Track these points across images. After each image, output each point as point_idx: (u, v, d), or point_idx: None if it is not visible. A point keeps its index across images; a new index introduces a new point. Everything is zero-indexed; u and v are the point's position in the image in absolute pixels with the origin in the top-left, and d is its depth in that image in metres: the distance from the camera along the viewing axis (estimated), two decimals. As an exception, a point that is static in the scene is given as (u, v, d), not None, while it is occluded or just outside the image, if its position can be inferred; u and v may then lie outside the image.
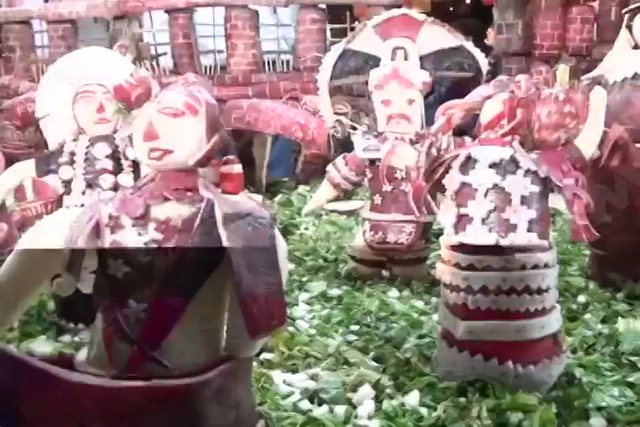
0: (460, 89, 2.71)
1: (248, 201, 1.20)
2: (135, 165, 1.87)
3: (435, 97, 2.24)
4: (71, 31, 3.67)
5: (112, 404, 1.09)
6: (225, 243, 1.09)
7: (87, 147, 1.85)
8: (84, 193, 1.82)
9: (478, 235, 1.49)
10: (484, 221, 1.48)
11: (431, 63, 2.22)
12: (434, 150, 1.54)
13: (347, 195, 2.71)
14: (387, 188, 2.15)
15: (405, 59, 2.19)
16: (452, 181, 1.54)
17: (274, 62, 3.48)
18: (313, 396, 1.48)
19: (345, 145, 3.01)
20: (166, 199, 1.12)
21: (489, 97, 1.59)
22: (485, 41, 3.88)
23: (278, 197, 3.15)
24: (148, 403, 1.08)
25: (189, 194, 1.13)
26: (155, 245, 1.10)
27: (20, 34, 3.75)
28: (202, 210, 1.12)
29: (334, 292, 2.07)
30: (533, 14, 3.36)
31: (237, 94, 3.26)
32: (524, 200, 1.48)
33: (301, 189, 3.24)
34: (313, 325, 1.82)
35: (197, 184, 1.16)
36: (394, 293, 2.04)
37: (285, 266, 1.17)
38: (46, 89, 2.02)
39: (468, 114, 1.65)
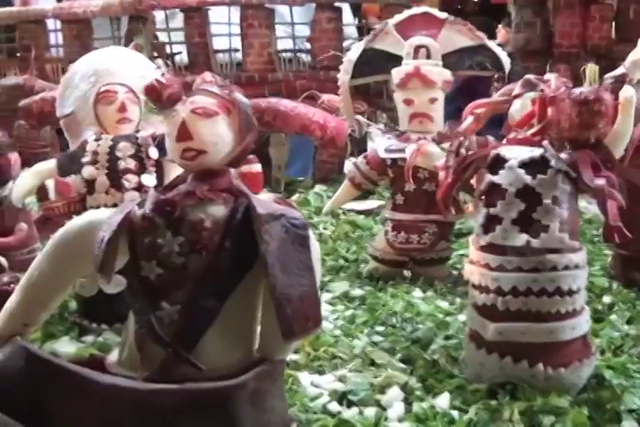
0: (470, 87, 2.70)
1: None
2: (158, 165, 1.86)
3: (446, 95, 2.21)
4: (86, 30, 3.67)
5: (145, 407, 1.08)
6: (260, 244, 1.08)
7: (110, 147, 1.83)
8: (107, 193, 1.81)
9: (508, 235, 1.47)
10: (514, 221, 1.47)
11: (453, 62, 2.20)
12: (463, 150, 1.53)
13: (363, 194, 2.69)
14: (409, 187, 2.13)
15: (427, 57, 2.17)
16: (481, 181, 1.53)
17: (290, 61, 3.48)
18: (341, 398, 1.46)
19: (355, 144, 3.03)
20: (200, 200, 1.11)
21: (517, 96, 1.58)
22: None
23: (295, 197, 3.14)
24: (181, 406, 1.07)
25: (224, 195, 1.12)
26: (189, 247, 1.09)
27: (34, 33, 3.76)
28: (236, 211, 1.11)
29: (357, 292, 2.05)
30: (552, 12, 3.35)
31: (253, 93, 3.24)
32: (555, 200, 1.46)
33: (318, 188, 3.22)
34: (337, 325, 1.81)
35: (231, 184, 1.15)
36: (418, 293, 2.02)
37: (319, 268, 1.16)
38: (67, 88, 2.01)
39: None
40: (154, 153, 1.85)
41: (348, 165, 3.31)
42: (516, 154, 1.50)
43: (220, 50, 3.56)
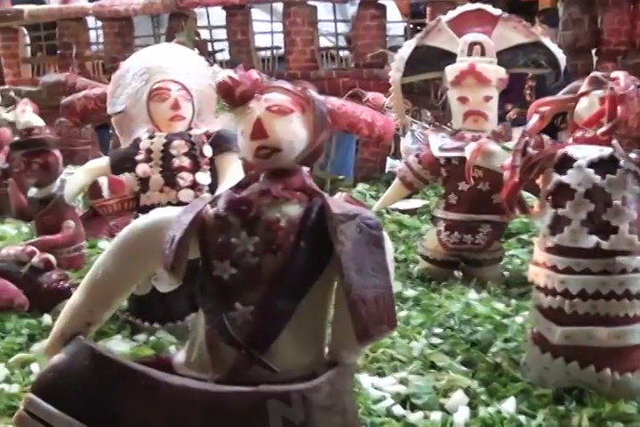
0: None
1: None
2: (212, 163, 1.84)
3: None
4: (127, 28, 3.66)
5: (217, 409, 1.05)
6: (334, 244, 1.06)
7: (164, 144, 1.82)
8: (161, 191, 1.79)
9: (577, 237, 1.43)
10: (583, 222, 1.43)
11: (507, 59, 2.16)
12: (530, 149, 1.49)
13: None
14: (463, 187, 2.10)
15: (482, 54, 2.13)
16: (548, 181, 1.49)
17: (332, 58, 3.45)
18: (404, 401, 1.44)
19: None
20: (276, 199, 1.08)
21: (584, 94, 1.54)
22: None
23: (337, 196, 3.10)
24: (255, 409, 1.05)
25: (298, 194, 1.10)
26: (264, 247, 1.07)
27: (75, 31, 3.76)
28: (311, 210, 1.08)
29: (410, 293, 2.02)
30: (600, 9, 3.30)
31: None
32: (625, 201, 1.43)
33: (361, 187, 3.19)
34: (393, 327, 1.77)
35: (304, 183, 1.12)
36: (472, 294, 1.98)
37: (392, 268, 1.13)
38: (119, 86, 1.99)
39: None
40: (208, 151, 1.83)
41: (392, 164, 3.30)
42: (584, 153, 1.46)
43: (261, 47, 3.55)
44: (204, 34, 3.71)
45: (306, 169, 1.15)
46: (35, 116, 2.29)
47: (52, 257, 2.05)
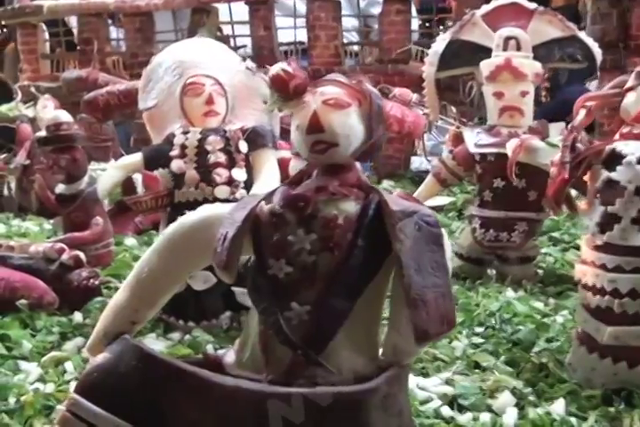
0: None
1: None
2: (247, 159, 1.82)
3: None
4: (148, 24, 3.63)
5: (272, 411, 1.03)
6: (393, 242, 1.03)
7: (199, 140, 1.79)
8: (197, 187, 1.76)
9: (627, 235, 1.40)
10: (634, 220, 1.40)
11: (543, 54, 2.13)
12: (579, 145, 1.46)
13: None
14: (498, 184, 2.06)
15: (517, 49, 2.09)
16: (596, 177, 1.46)
17: (356, 54, 3.42)
18: (451, 402, 1.41)
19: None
20: (333, 195, 1.05)
21: (631, 88, 1.51)
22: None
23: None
24: (311, 411, 1.02)
25: (355, 190, 1.07)
26: (321, 245, 1.04)
27: (95, 26, 3.73)
28: (368, 207, 1.05)
29: (446, 291, 1.98)
30: (628, 4, 3.26)
31: (319, 87, 3.18)
32: (675, 199, 1.39)
33: (386, 184, 3.16)
34: (432, 326, 1.74)
35: (360, 180, 1.09)
36: (510, 293, 1.95)
37: (450, 267, 1.10)
38: (150, 81, 1.96)
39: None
40: (244, 147, 1.80)
41: (416, 161, 3.27)
42: (633, 149, 1.43)
43: (284, 43, 3.51)
44: (227, 29, 3.68)
45: (359, 164, 1.12)
46: (62, 111, 2.26)
47: (81, 254, 2.02)
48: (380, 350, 1.11)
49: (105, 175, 1.84)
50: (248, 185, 1.80)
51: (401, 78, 2.71)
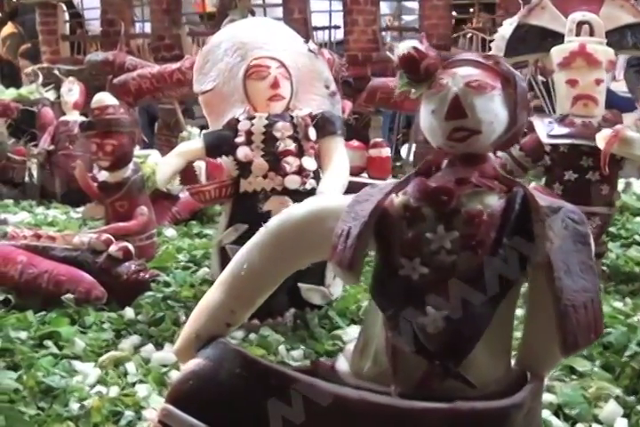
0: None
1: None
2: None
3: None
4: (175, 5, 3.50)
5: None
6: (540, 241, 0.92)
7: (265, 126, 1.68)
8: (265, 177, 1.65)
9: None
10: None
11: (615, 40, 2.02)
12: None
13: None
14: (570, 176, 1.95)
15: (591, 34, 1.98)
16: None
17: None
18: (556, 411, 1.31)
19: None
20: (476, 188, 0.94)
21: None
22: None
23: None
24: (450, 427, 0.91)
25: (496, 182, 0.96)
26: (462, 243, 0.93)
27: (119, 8, 3.60)
28: (513, 201, 0.94)
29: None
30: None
31: (355, 74, 3.07)
32: None
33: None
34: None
35: (497, 171, 0.98)
36: (588, 292, 1.84)
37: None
38: (207, 62, 1.84)
39: None
40: (313, 134, 1.69)
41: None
42: None
43: (319, 27, 3.39)
44: (259, 12, 3.55)
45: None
46: (107, 93, 2.14)
47: (130, 246, 1.91)
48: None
49: (164, 163, 1.71)
50: (316, 175, 1.70)
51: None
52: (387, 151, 2.27)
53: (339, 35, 3.38)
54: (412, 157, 3.30)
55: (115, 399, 1.38)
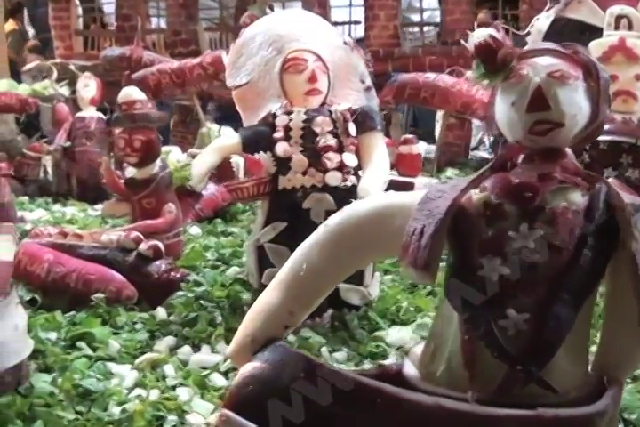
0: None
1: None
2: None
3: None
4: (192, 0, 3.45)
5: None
6: (627, 240, 0.88)
7: (304, 121, 1.63)
8: (304, 173, 1.60)
9: None
10: None
11: (654, 35, 1.97)
12: None
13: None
14: (609, 173, 1.91)
15: (629, 28, 1.94)
16: None
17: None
18: (616, 416, 1.26)
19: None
20: (561, 184, 0.89)
21: None
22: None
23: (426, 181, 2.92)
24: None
25: (579, 178, 0.91)
26: (546, 242, 0.88)
27: (135, 2, 3.55)
28: (597, 198, 0.90)
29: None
30: None
31: (375, 70, 3.02)
32: None
33: (450, 172, 2.99)
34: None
35: (577, 167, 0.94)
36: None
37: None
38: (241, 56, 1.79)
39: None
40: (353, 130, 1.65)
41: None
42: None
43: (339, 22, 3.34)
44: (278, 7, 3.50)
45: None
46: (134, 88, 2.09)
47: (160, 244, 1.86)
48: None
49: (199, 159, 1.66)
50: (355, 171, 1.65)
51: (465, 61, 2.52)
52: (417, 148, 2.23)
53: (359, 31, 3.33)
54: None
55: (156, 403, 1.34)
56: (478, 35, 0.94)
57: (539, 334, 0.88)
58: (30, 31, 5.09)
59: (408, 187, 2.13)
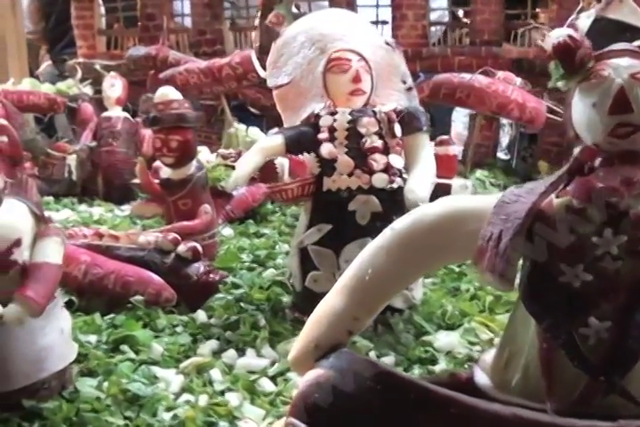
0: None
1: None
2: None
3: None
4: (218, -1, 3.44)
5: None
6: None
7: (349, 122, 1.61)
8: (350, 175, 1.58)
9: None
10: None
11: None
12: None
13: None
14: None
15: (673, 29, 1.91)
16: None
17: (445, 35, 3.23)
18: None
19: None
20: (642, 188, 0.87)
21: None
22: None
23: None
24: (614, 448, 0.84)
25: (654, 184, 0.89)
26: (630, 248, 0.86)
27: (159, 1, 3.53)
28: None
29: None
30: None
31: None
32: None
33: (479, 173, 2.96)
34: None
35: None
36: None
37: None
38: (282, 55, 1.77)
39: None
40: (399, 131, 1.62)
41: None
42: None
43: (366, 22, 3.30)
44: (304, 7, 3.48)
45: None
46: (170, 88, 2.07)
47: (198, 246, 1.84)
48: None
49: (243, 159, 1.64)
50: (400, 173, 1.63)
51: (494, 61, 2.52)
52: (454, 149, 2.21)
53: (386, 31, 3.31)
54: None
55: (206, 409, 1.32)
56: (556, 35, 0.92)
57: (620, 342, 0.86)
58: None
59: (445, 188, 2.10)
